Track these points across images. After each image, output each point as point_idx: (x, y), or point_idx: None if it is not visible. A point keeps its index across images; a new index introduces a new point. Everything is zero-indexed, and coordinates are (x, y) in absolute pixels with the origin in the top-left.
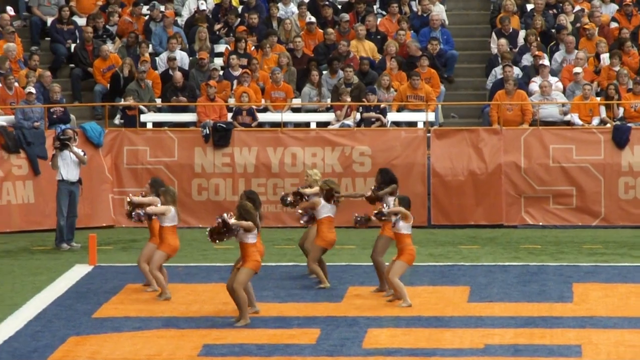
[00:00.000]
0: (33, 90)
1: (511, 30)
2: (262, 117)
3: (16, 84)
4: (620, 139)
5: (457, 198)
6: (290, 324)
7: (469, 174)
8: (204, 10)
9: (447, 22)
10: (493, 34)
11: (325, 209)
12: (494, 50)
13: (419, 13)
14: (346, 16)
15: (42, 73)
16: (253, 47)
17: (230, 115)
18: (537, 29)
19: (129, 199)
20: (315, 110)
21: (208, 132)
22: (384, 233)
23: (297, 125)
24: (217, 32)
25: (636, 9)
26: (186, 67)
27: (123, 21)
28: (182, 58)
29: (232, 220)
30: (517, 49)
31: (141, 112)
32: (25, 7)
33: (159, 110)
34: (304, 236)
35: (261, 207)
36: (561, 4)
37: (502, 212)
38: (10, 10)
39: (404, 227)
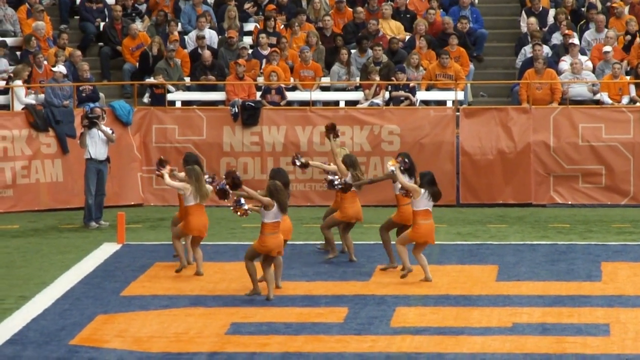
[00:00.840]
0: (62, 69)
1: (541, 8)
2: (290, 95)
3: (45, 63)
4: None
5: (485, 177)
6: (318, 302)
7: (498, 152)
8: None
9: (476, 1)
10: (523, 12)
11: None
12: (524, 29)
13: None
14: None
15: (72, 52)
16: (282, 26)
17: (259, 94)
18: (568, 7)
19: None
20: (344, 89)
21: (237, 110)
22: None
23: (326, 104)
24: (247, 10)
25: None
26: (215, 46)
27: (153, 0)
28: (211, 37)
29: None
30: (546, 28)
31: (168, 91)
32: None
33: (188, 88)
34: (327, 214)
35: (289, 186)
36: None
37: (530, 191)
38: None
39: (413, 204)
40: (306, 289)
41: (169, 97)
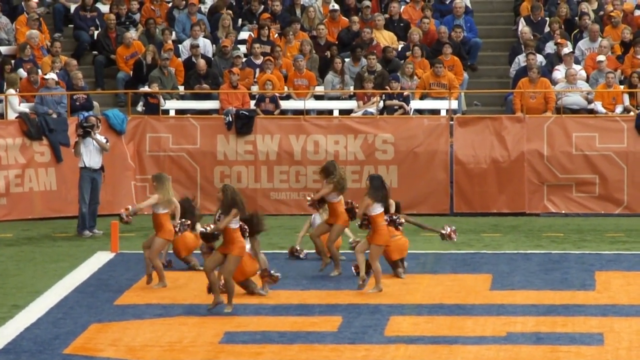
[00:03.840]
0: (53, 76)
1: (540, 18)
2: (284, 104)
3: (39, 72)
4: None
5: (479, 186)
6: (312, 311)
7: (492, 161)
8: None
9: (470, 10)
10: (522, 20)
11: (334, 196)
12: (523, 37)
13: (445, 1)
14: (368, 3)
15: (67, 61)
16: (276, 35)
17: (253, 102)
18: (562, 17)
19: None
20: (338, 98)
21: (231, 119)
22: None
23: (320, 112)
24: (241, 19)
25: None
26: (209, 55)
27: (146, 8)
28: (205, 45)
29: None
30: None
31: (159, 103)
32: None
33: (182, 97)
34: (316, 230)
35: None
36: None
37: (524, 200)
38: None
39: (374, 209)
40: (300, 297)
41: (163, 105)
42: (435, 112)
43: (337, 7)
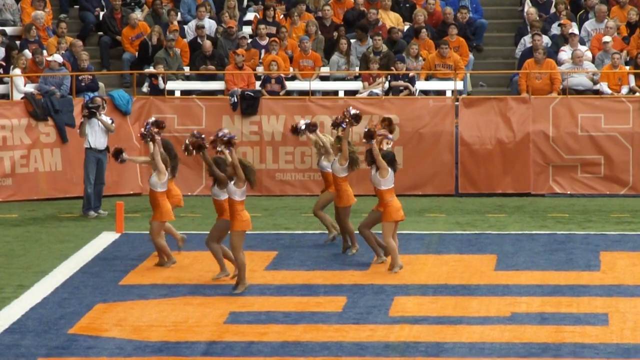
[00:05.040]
0: (57, 57)
1: None
2: (290, 85)
3: (45, 52)
4: None
5: (484, 167)
6: (316, 291)
7: (497, 142)
8: None
9: None
10: (527, 1)
11: (343, 171)
12: (528, 18)
13: None
14: None
15: (73, 42)
16: (282, 16)
17: (258, 83)
18: None
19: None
20: (343, 79)
21: (236, 100)
22: (378, 208)
23: (325, 93)
24: (246, 1)
25: None
26: (213, 35)
27: None
28: (211, 26)
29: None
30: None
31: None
32: None
33: (187, 78)
34: (318, 203)
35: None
36: None
37: (529, 180)
38: None
39: (382, 183)
40: (305, 278)
41: (169, 86)
42: (441, 93)
43: None
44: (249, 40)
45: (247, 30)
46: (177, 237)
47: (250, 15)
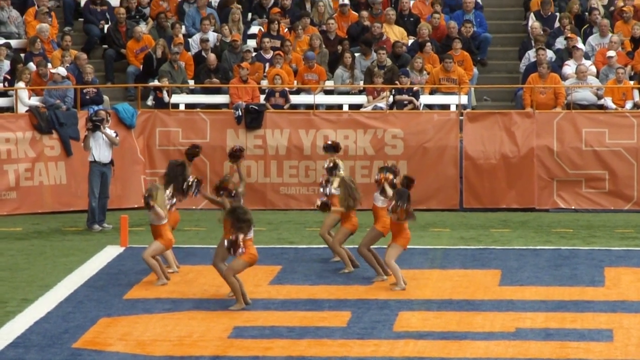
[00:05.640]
0: (61, 70)
1: (550, 13)
2: (294, 99)
3: (49, 65)
4: None
5: (489, 181)
6: (321, 306)
7: (501, 157)
8: None
9: (480, 5)
10: (532, 15)
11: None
12: (533, 32)
13: None
14: None
15: (77, 55)
16: (286, 29)
17: (262, 97)
18: (573, 12)
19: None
20: (347, 93)
21: (240, 113)
22: (376, 226)
23: (330, 107)
24: (251, 14)
25: None
26: (213, 46)
27: (156, 2)
28: (215, 40)
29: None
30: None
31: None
32: None
33: (192, 91)
34: (324, 226)
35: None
36: None
37: (534, 195)
38: None
39: (382, 200)
40: (309, 292)
41: (173, 100)
42: (445, 107)
43: (347, 1)
44: (254, 54)
45: (251, 43)
46: (169, 267)
47: (254, 29)
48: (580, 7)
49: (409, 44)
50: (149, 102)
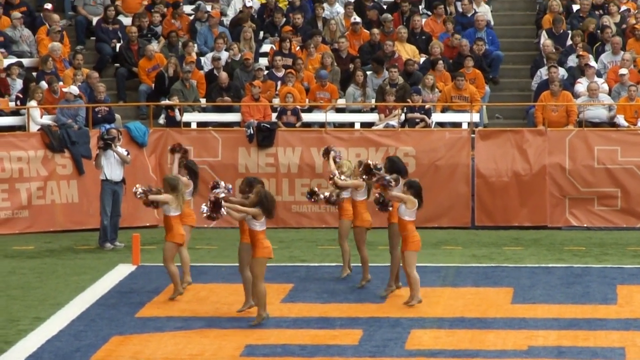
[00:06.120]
0: (73, 89)
1: (562, 31)
2: (306, 117)
3: (61, 84)
4: None
5: (501, 199)
6: (332, 324)
7: (513, 175)
8: (250, 7)
9: (492, 23)
10: (544, 33)
11: (360, 193)
12: (544, 50)
13: (467, 14)
14: (390, 17)
15: (89, 73)
16: (298, 47)
17: (274, 115)
18: (586, 31)
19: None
20: (359, 111)
21: (252, 132)
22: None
23: (341, 125)
24: (262, 32)
25: None
26: (229, 66)
27: (168, 21)
28: (227, 58)
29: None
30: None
31: (174, 117)
32: (71, 7)
33: (204, 110)
34: (340, 233)
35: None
36: (607, 5)
37: (546, 213)
38: (48, 5)
39: (406, 214)
40: (321, 310)
41: (185, 118)
42: (457, 125)
43: (359, 19)
44: (265, 72)
45: (263, 62)
46: (184, 279)
47: (266, 47)
48: (595, 25)
49: (421, 62)
50: (161, 120)
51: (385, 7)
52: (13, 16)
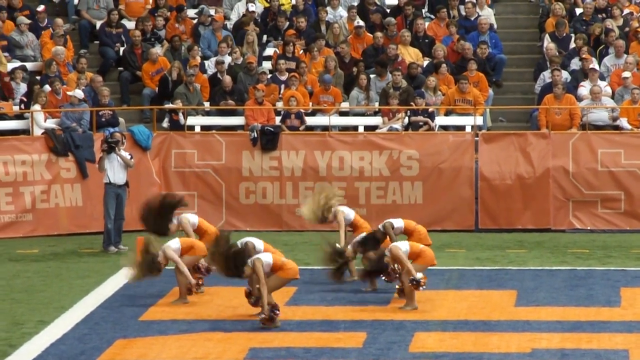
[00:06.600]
0: (78, 93)
1: (565, 35)
2: (310, 120)
3: (64, 86)
4: None
5: (504, 202)
6: (336, 327)
7: (517, 178)
8: (253, 11)
9: (495, 26)
10: (547, 37)
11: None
12: (548, 53)
13: (470, 18)
14: (393, 20)
15: (93, 77)
16: (301, 51)
17: (278, 118)
18: (592, 34)
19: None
20: (363, 114)
21: (256, 135)
22: None
23: (345, 128)
24: (266, 36)
25: None
26: (233, 70)
27: (171, 25)
28: (231, 61)
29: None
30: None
31: (178, 120)
32: (75, 11)
33: (207, 113)
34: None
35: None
36: (610, 8)
37: (549, 216)
38: (40, 7)
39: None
40: (325, 313)
41: (189, 121)
42: (460, 128)
43: (362, 23)
44: (269, 76)
45: (266, 65)
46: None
47: (270, 51)
48: (602, 29)
49: (424, 65)
50: (165, 124)
51: (388, 10)
52: (19, 21)
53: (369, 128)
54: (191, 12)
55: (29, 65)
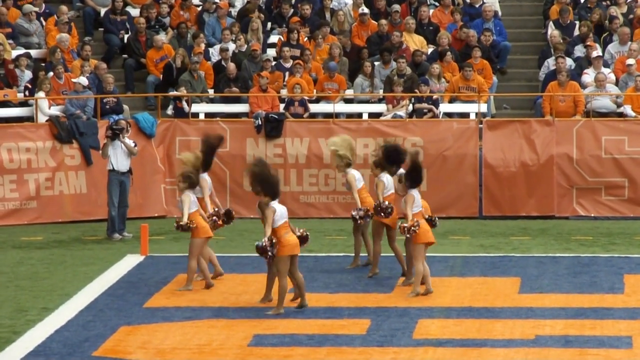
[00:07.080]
0: (82, 80)
1: (569, 22)
2: (314, 108)
3: (68, 74)
4: None
5: (508, 189)
6: (340, 314)
7: (521, 165)
8: None
9: (500, 14)
10: (551, 24)
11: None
12: (552, 40)
13: (475, 5)
14: (398, 7)
15: (97, 64)
16: (305, 38)
17: (282, 106)
18: (594, 21)
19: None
20: (367, 101)
21: (260, 122)
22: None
23: (349, 116)
24: (270, 23)
25: None
26: (237, 57)
27: (176, 12)
28: (235, 48)
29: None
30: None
31: (182, 108)
32: None
33: (212, 101)
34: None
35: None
36: None
37: (553, 203)
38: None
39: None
40: (329, 300)
41: (193, 109)
42: (465, 115)
43: (366, 10)
44: (273, 63)
45: (271, 52)
46: (215, 272)
47: (274, 38)
48: (600, 15)
49: (429, 53)
50: (169, 111)
51: None
52: (25, 9)
53: (373, 115)
54: (196, 0)
55: (34, 53)
